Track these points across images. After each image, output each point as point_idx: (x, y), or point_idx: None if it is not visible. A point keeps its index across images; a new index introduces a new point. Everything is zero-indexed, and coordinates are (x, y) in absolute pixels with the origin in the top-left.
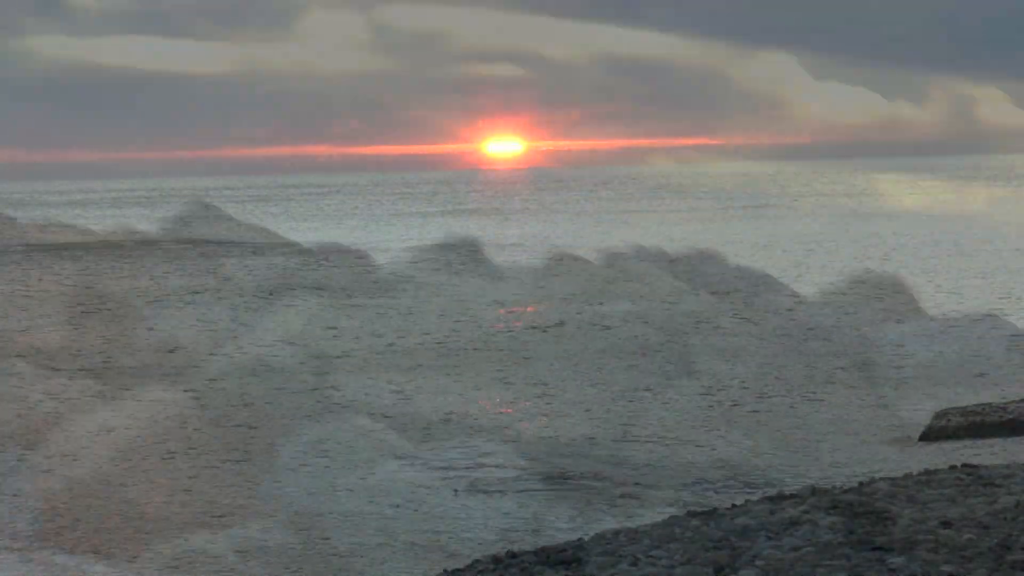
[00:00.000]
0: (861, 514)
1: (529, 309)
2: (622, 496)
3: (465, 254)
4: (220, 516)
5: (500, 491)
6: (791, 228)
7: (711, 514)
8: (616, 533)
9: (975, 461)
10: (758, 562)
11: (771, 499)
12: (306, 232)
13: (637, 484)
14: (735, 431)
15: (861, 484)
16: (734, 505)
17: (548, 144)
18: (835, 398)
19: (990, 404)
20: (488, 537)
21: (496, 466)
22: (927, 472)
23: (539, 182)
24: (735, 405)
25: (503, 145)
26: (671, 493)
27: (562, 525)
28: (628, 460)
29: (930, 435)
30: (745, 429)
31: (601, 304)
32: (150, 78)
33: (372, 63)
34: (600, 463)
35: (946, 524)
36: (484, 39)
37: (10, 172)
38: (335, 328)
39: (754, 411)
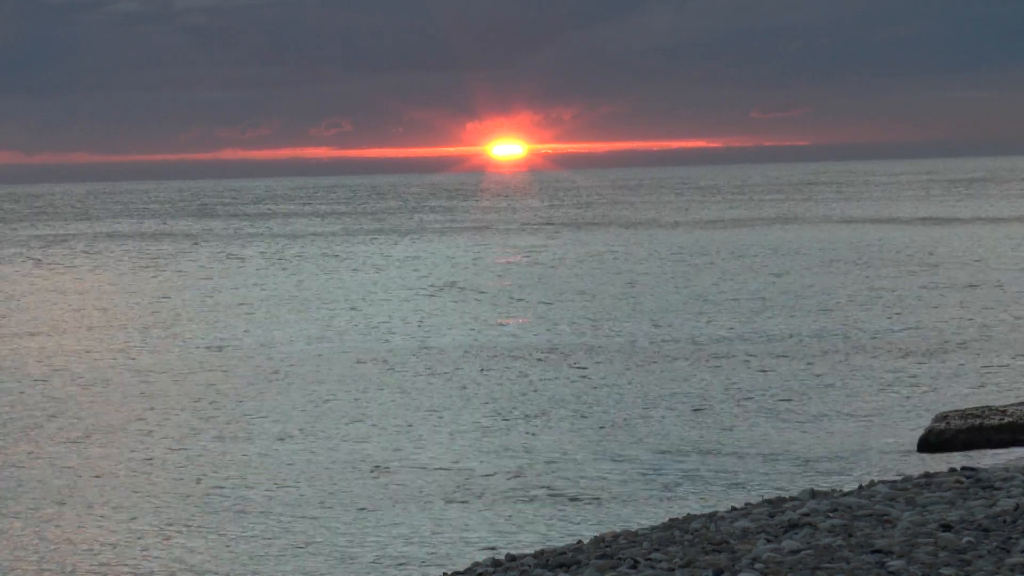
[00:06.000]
0: (860, 517)
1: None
2: (620, 500)
3: None
4: None
5: (501, 495)
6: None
7: (711, 517)
8: (615, 536)
9: (974, 464)
10: (757, 565)
11: (770, 502)
12: None
13: (637, 488)
14: (734, 434)
15: (860, 487)
16: (733, 508)
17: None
18: (834, 399)
19: (989, 407)
20: (487, 541)
21: (495, 471)
22: (926, 475)
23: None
24: (733, 407)
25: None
26: (670, 496)
27: (561, 529)
28: (627, 464)
29: (929, 438)
30: (744, 432)
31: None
32: None
33: None
34: (598, 466)
35: (946, 527)
36: None
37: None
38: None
39: (752, 414)
